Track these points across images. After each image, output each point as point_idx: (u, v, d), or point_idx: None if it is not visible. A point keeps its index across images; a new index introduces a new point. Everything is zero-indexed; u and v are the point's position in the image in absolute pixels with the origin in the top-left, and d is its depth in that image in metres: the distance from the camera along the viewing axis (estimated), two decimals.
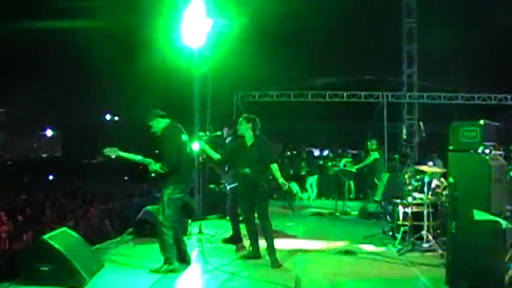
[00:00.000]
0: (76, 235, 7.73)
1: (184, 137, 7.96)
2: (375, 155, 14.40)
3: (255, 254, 8.67)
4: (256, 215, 8.65)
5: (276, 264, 8.21)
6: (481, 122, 6.86)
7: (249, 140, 8.72)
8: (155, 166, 7.63)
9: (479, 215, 6.35)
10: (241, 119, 8.86)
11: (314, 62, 20.69)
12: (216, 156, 8.98)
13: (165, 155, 7.63)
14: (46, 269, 6.67)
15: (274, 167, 8.66)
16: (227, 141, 10.22)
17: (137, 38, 19.67)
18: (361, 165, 15.07)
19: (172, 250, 7.63)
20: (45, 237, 7.00)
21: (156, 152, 7.77)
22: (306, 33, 19.64)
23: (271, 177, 8.66)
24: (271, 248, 8.37)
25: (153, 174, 7.69)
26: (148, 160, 7.70)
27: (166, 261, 7.58)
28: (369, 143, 14.75)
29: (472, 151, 6.81)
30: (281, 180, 8.63)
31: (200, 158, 11.11)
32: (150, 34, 16.39)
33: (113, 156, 7.85)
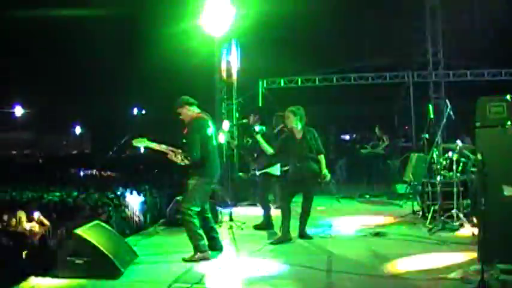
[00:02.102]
0: (108, 227, 7.85)
1: (211, 130, 7.94)
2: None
3: (286, 237, 8.79)
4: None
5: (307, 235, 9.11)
6: (508, 97, 6.80)
7: (298, 132, 9.00)
8: (178, 160, 7.69)
9: (508, 190, 6.32)
10: (287, 112, 9.06)
11: (336, 45, 20.61)
12: (270, 150, 9.25)
13: (189, 147, 7.66)
14: (81, 261, 6.78)
15: (321, 157, 9.02)
16: (254, 127, 10.24)
17: (158, 28, 19.74)
18: (382, 146, 15.09)
19: (200, 237, 7.69)
20: (79, 230, 7.10)
21: (184, 141, 7.81)
22: (327, 17, 19.54)
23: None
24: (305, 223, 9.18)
25: (182, 163, 7.74)
26: (176, 151, 7.78)
27: (197, 249, 7.64)
28: (376, 129, 14.93)
29: (499, 126, 6.76)
30: (324, 171, 8.97)
31: (232, 145, 11.18)
32: (172, 24, 16.44)
33: (143, 147, 7.95)
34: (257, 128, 9.69)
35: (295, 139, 9.00)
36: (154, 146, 7.86)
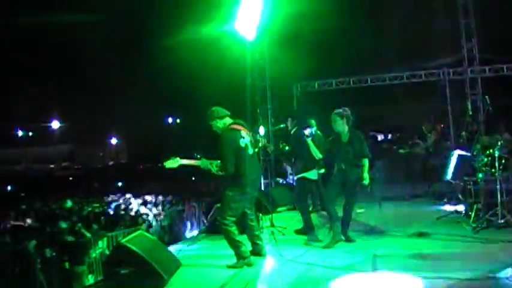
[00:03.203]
0: (152, 237, 7.87)
1: (244, 140, 7.78)
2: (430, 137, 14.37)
3: (337, 238, 8.79)
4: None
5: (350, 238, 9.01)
6: None
7: (345, 136, 8.91)
8: (212, 168, 7.69)
9: None
10: (333, 115, 8.89)
11: (369, 46, 20.54)
12: (319, 155, 9.44)
13: (221, 159, 7.63)
14: (126, 271, 6.81)
15: (365, 161, 8.85)
16: (292, 132, 10.23)
17: (189, 35, 19.81)
18: (424, 146, 14.84)
19: (240, 245, 7.68)
20: (123, 241, 7.14)
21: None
22: (358, 19, 19.50)
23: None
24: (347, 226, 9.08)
25: (218, 173, 7.72)
26: (207, 162, 7.77)
27: (239, 256, 7.64)
28: (424, 127, 14.66)
29: None
30: (364, 174, 8.78)
31: (269, 150, 11.12)
32: (203, 30, 16.48)
33: (176, 166, 7.89)
34: (307, 131, 9.53)
35: (341, 143, 8.92)
36: (187, 162, 7.85)
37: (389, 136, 24.58)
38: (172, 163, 7.81)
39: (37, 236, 12.93)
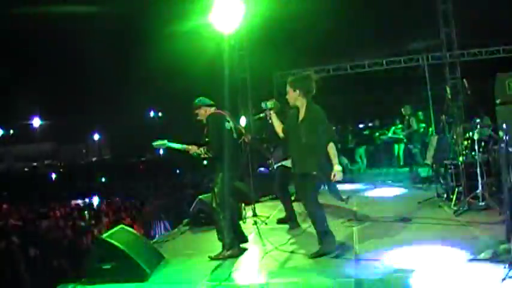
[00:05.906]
0: (133, 231, 7.85)
1: (229, 124, 7.90)
2: (414, 121, 14.38)
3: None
4: None
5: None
6: None
7: (301, 111, 7.12)
8: (201, 152, 7.71)
9: None
10: (287, 86, 7.30)
11: (348, 34, 20.55)
12: (281, 133, 7.75)
13: (209, 142, 7.69)
14: (108, 266, 6.78)
15: (330, 146, 6.96)
16: (263, 104, 10.20)
17: (167, 27, 19.77)
18: (409, 131, 14.86)
19: (229, 235, 7.64)
20: (104, 236, 7.13)
21: (206, 140, 7.79)
22: (336, 7, 19.50)
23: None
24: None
25: (206, 155, 7.76)
26: (195, 148, 7.82)
27: (225, 246, 7.62)
28: (402, 109, 14.66)
29: None
30: (335, 166, 6.89)
31: (245, 139, 11.05)
32: (181, 23, 16.44)
33: (164, 148, 7.99)
34: (269, 103, 8.05)
35: (295, 122, 7.18)
36: (175, 146, 7.91)
37: (370, 123, 24.67)
38: (161, 144, 7.90)
39: (20, 235, 12.87)
